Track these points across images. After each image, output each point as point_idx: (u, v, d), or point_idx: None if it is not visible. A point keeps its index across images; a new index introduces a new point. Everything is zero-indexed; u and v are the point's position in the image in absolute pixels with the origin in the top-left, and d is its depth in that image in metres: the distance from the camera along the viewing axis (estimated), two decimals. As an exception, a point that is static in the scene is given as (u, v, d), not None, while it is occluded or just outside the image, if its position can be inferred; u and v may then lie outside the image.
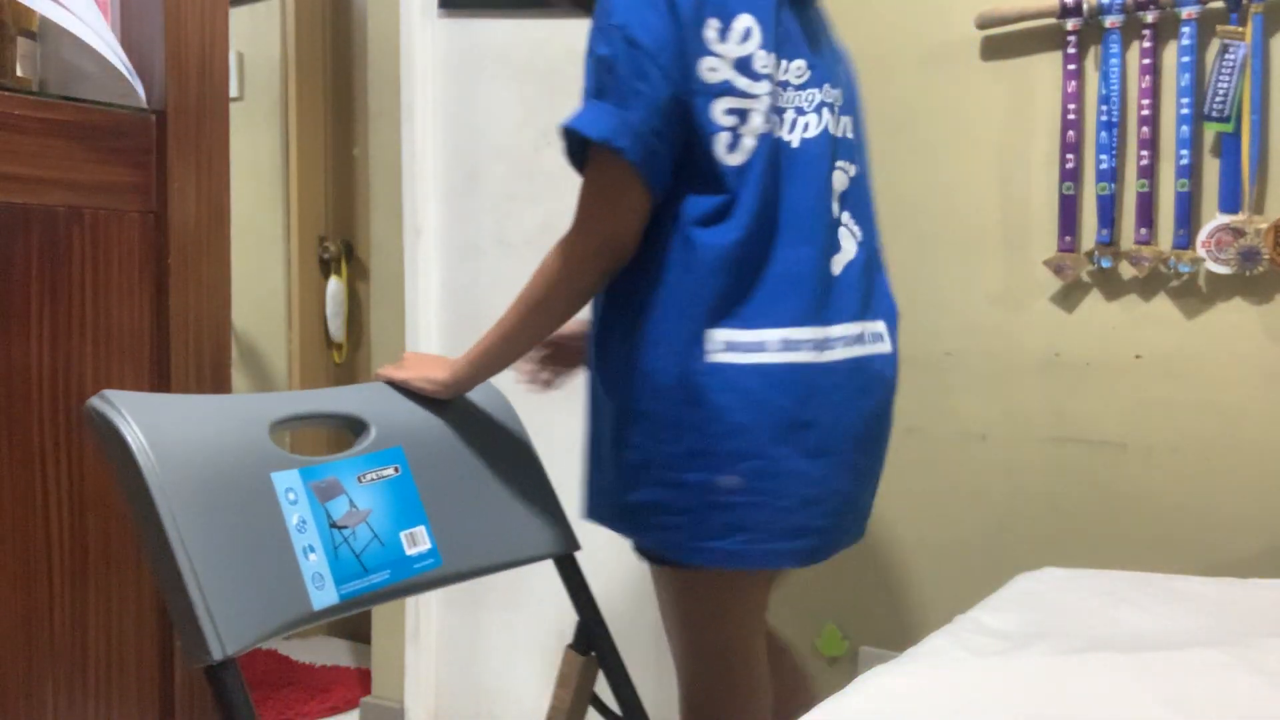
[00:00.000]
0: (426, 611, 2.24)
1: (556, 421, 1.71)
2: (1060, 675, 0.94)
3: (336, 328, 2.88)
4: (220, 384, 1.35)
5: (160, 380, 1.30)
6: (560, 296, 1.17)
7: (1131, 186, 1.68)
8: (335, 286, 2.87)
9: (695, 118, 1.12)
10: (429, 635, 2.27)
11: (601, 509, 1.21)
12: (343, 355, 2.92)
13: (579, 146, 1.15)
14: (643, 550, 1.22)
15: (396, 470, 1.10)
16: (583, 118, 1.13)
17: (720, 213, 1.13)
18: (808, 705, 0.93)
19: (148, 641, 1.30)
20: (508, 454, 1.24)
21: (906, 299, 1.88)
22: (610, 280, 1.18)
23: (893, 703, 0.91)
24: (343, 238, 2.91)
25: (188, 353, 1.32)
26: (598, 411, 1.23)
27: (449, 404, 1.21)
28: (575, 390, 1.96)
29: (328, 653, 2.78)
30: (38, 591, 1.20)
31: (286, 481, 0.99)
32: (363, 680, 2.55)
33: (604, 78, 1.12)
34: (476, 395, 1.26)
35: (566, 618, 1.79)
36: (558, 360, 1.44)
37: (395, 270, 2.26)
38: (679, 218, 1.14)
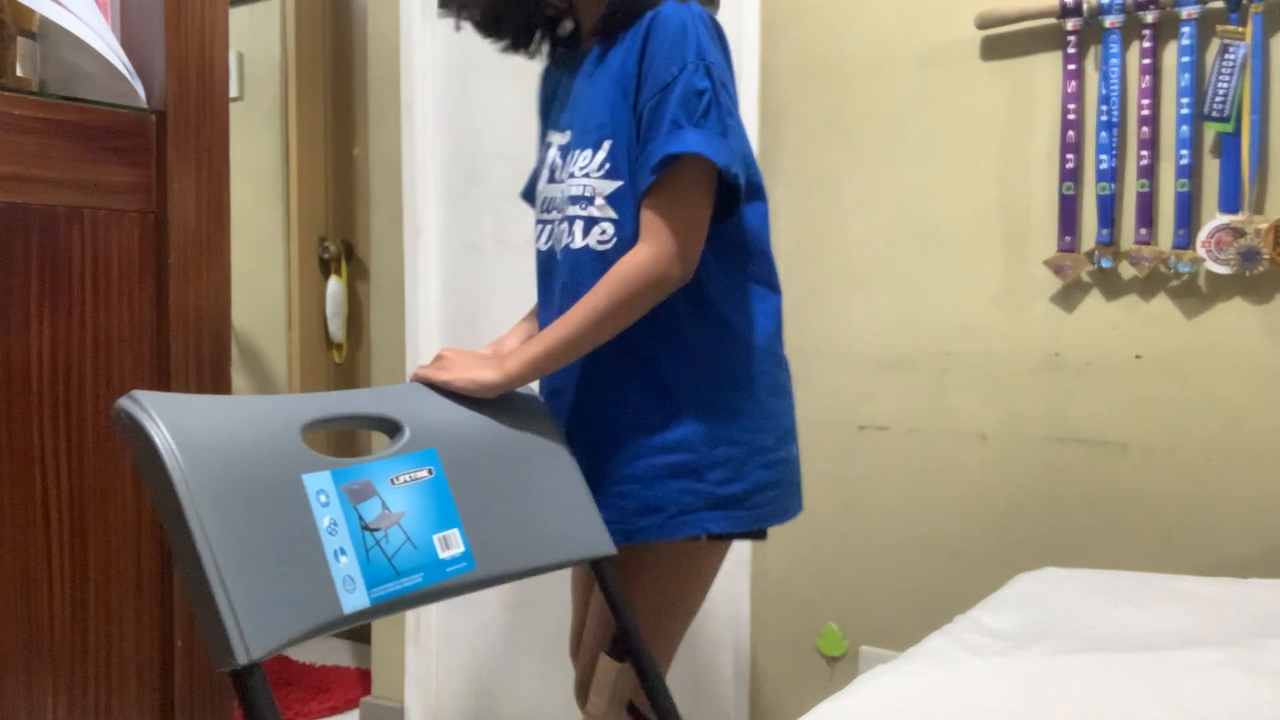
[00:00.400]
0: (426, 611, 2.24)
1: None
2: (1060, 675, 0.94)
3: (336, 328, 2.89)
4: (220, 384, 1.35)
5: (160, 380, 1.29)
6: (643, 303, 1.22)
7: (1131, 186, 1.68)
8: (335, 286, 2.87)
9: None
10: (429, 635, 2.27)
11: (663, 519, 1.26)
12: (343, 355, 2.92)
13: (668, 164, 1.21)
14: (656, 535, 1.28)
15: (430, 472, 1.09)
16: (703, 145, 1.20)
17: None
18: None
19: (148, 642, 1.30)
20: (542, 456, 1.22)
21: (907, 299, 1.88)
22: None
23: (893, 703, 0.91)
24: (343, 238, 2.91)
25: (188, 353, 1.32)
26: (661, 426, 1.27)
27: (484, 405, 1.20)
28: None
29: (328, 653, 2.78)
30: (38, 592, 1.20)
31: (318, 483, 0.98)
32: (363, 680, 2.55)
33: (709, 109, 1.21)
34: (511, 396, 1.24)
35: (566, 618, 1.79)
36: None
37: (395, 270, 2.26)
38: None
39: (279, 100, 2.89)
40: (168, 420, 0.91)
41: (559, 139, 1.36)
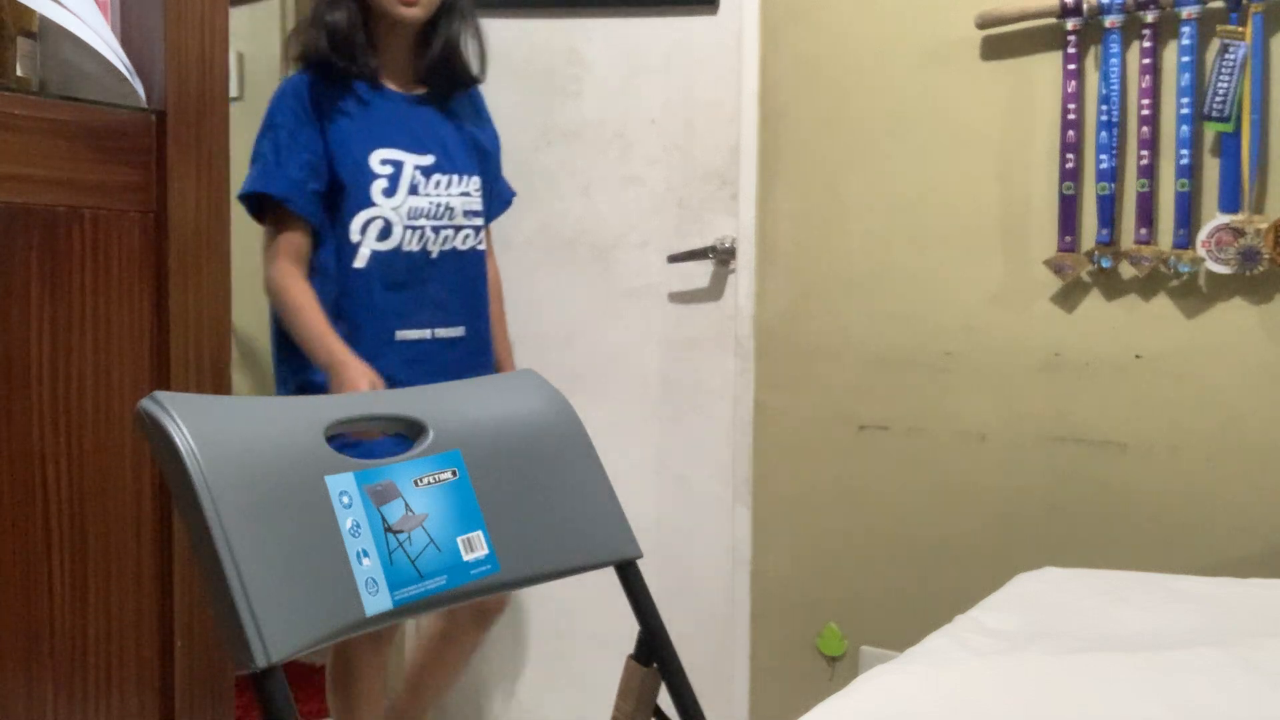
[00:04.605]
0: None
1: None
2: (1060, 675, 0.94)
3: (336, 328, 2.88)
4: (220, 384, 1.35)
5: (160, 380, 1.29)
6: None
7: (1131, 186, 1.68)
8: (335, 286, 2.86)
9: None
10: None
11: None
12: (343, 355, 2.91)
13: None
14: None
15: (454, 474, 1.08)
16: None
17: None
18: None
19: (148, 641, 1.30)
20: (568, 458, 1.22)
21: (907, 298, 1.88)
22: None
23: (893, 703, 0.91)
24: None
25: (188, 353, 1.32)
26: None
27: (509, 406, 1.20)
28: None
29: (328, 652, 2.77)
30: (38, 591, 1.20)
31: (340, 485, 0.98)
32: (363, 680, 2.54)
33: None
34: (537, 398, 1.24)
35: (566, 618, 1.79)
36: None
37: (395, 270, 2.25)
38: None
39: (279, 100, 2.88)
40: (189, 421, 0.90)
41: (415, 159, 1.74)
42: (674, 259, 2.10)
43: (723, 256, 2.07)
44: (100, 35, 1.27)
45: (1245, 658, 0.96)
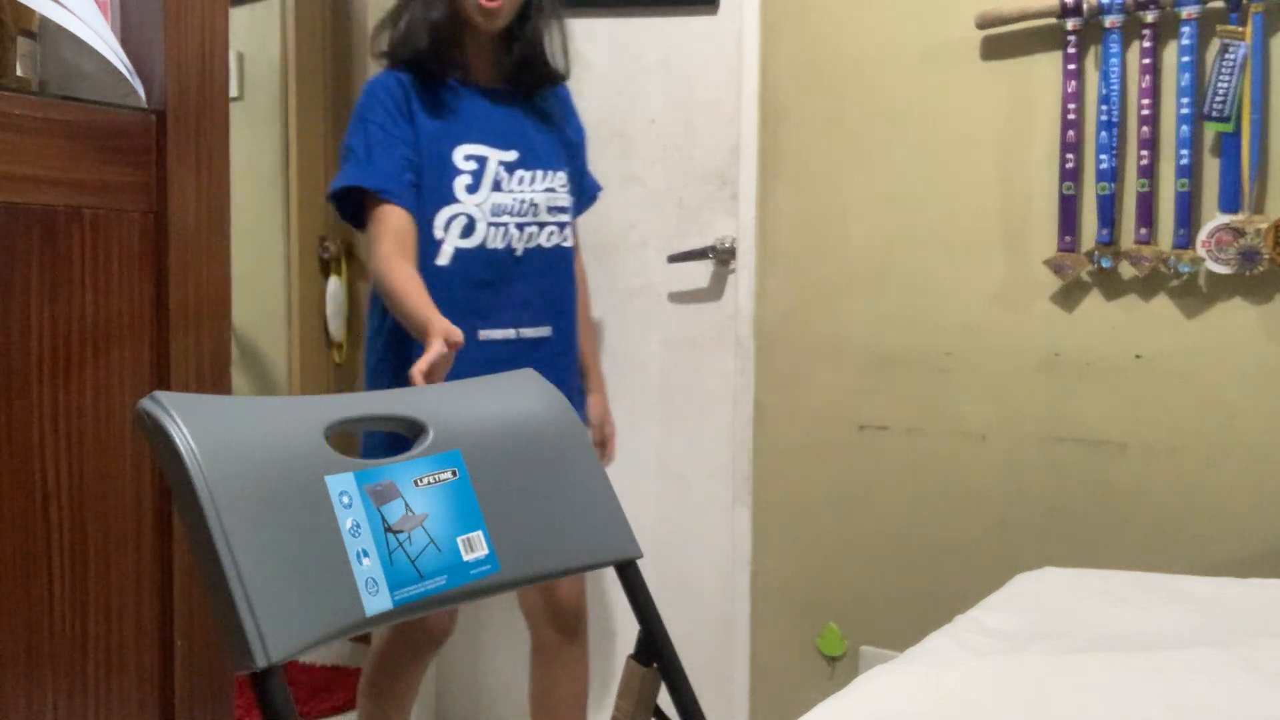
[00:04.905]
0: (426, 611, 2.24)
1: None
2: (1060, 675, 0.94)
3: (336, 328, 2.88)
4: (220, 384, 1.35)
5: (160, 380, 1.29)
6: None
7: (1131, 186, 1.68)
8: (335, 286, 2.87)
9: None
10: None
11: None
12: (343, 355, 2.92)
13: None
14: None
15: (454, 474, 1.08)
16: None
17: None
18: None
19: (148, 641, 1.30)
20: (568, 458, 1.21)
21: (907, 298, 1.88)
22: None
23: (893, 703, 0.91)
24: (342, 238, 2.90)
25: (188, 352, 1.32)
26: None
27: (509, 406, 1.20)
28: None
29: (327, 652, 2.78)
30: (37, 591, 1.20)
31: (340, 485, 0.98)
32: (363, 680, 2.55)
33: None
34: (537, 398, 1.24)
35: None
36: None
37: (395, 270, 2.25)
38: None
39: (279, 100, 2.88)
40: (189, 421, 0.90)
41: (499, 154, 1.71)
42: (674, 259, 2.10)
43: (723, 256, 2.07)
44: (100, 35, 1.27)
45: (1245, 658, 0.96)
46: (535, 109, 1.78)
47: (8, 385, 1.17)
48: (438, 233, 1.67)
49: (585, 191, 1.88)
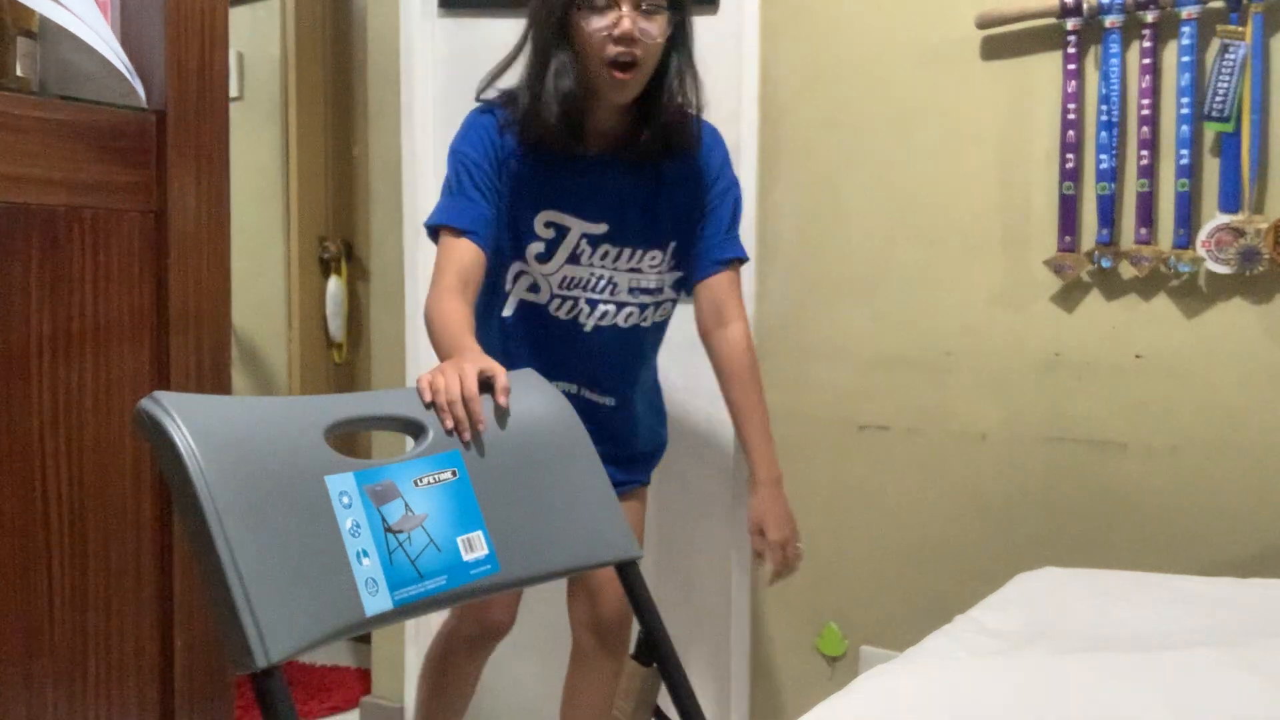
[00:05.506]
0: (426, 611, 2.24)
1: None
2: (1060, 675, 0.94)
3: (336, 328, 2.88)
4: (220, 384, 1.35)
5: (160, 380, 1.29)
6: None
7: (1131, 186, 1.68)
8: (335, 286, 2.87)
9: None
10: (429, 635, 2.26)
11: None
12: (343, 355, 2.92)
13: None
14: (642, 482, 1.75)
15: (454, 474, 1.08)
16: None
17: None
18: None
19: (148, 641, 1.30)
20: (567, 458, 1.21)
21: (907, 299, 1.88)
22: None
23: (893, 703, 0.91)
24: (343, 238, 2.91)
25: (188, 352, 1.32)
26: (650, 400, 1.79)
27: (508, 408, 1.19)
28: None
29: (327, 652, 2.78)
30: (37, 591, 1.20)
31: (340, 485, 0.98)
32: (363, 680, 2.55)
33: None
34: (537, 398, 1.23)
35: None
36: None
37: (395, 270, 2.26)
38: None
39: (279, 100, 2.88)
40: (189, 421, 0.90)
41: (584, 227, 1.58)
42: (674, 259, 2.09)
43: (723, 256, 2.06)
44: (100, 35, 1.27)
45: (1245, 658, 0.96)
46: (654, 177, 1.60)
47: (8, 385, 1.17)
48: (506, 284, 1.61)
49: (706, 257, 1.62)
